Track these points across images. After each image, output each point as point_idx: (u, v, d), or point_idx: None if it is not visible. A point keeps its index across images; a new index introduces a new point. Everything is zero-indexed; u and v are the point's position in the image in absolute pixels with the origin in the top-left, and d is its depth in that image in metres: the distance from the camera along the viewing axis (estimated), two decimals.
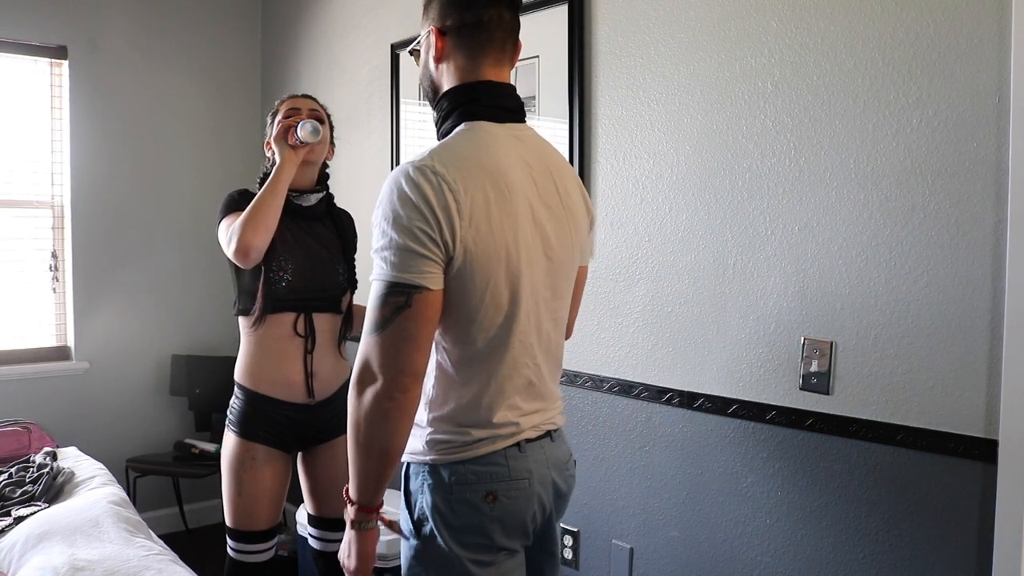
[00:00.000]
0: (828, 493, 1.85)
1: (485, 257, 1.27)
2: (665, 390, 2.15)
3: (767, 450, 1.96)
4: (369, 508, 1.31)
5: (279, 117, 2.09)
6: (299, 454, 2.18)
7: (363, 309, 2.26)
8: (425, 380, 1.32)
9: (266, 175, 2.10)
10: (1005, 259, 1.56)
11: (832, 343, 1.83)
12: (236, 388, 2.09)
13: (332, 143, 2.19)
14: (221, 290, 2.16)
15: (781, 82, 1.90)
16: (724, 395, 2.03)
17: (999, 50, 1.57)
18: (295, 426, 2.07)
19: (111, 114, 3.52)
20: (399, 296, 1.22)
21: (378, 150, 3.16)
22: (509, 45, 1.38)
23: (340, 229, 2.18)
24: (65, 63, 3.40)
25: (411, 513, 1.34)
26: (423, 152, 1.27)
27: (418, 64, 1.43)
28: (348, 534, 1.34)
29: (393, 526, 1.37)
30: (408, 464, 1.36)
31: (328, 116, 2.18)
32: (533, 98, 2.50)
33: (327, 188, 2.19)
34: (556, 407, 1.45)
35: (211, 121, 3.80)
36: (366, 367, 1.24)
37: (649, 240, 2.20)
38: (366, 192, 3.20)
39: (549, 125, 2.45)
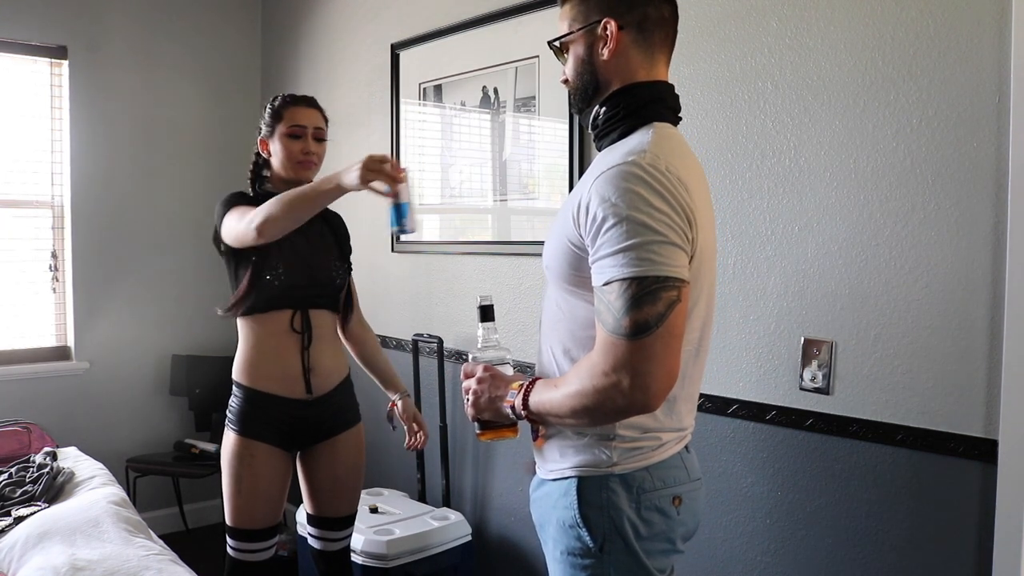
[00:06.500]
0: (828, 493, 1.85)
1: (706, 262, 1.25)
2: None
3: (767, 450, 1.96)
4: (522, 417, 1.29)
5: (281, 125, 2.06)
6: (299, 453, 2.18)
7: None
8: None
9: (256, 169, 2.11)
10: (1005, 259, 1.56)
11: (832, 343, 1.83)
12: (234, 386, 2.09)
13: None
14: (221, 290, 2.16)
15: (781, 82, 1.90)
16: (724, 395, 2.03)
17: (999, 50, 1.57)
18: (294, 423, 2.07)
19: (111, 114, 3.52)
20: (671, 291, 1.12)
21: (378, 150, 3.15)
22: (673, 43, 1.32)
23: (333, 227, 2.19)
24: (65, 63, 3.40)
25: (591, 531, 1.25)
26: (639, 150, 1.18)
27: (562, 57, 1.33)
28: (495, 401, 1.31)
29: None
30: (580, 479, 1.26)
31: (326, 121, 2.19)
32: (533, 98, 2.50)
33: None
34: None
35: (211, 121, 3.80)
36: (619, 377, 1.12)
37: None
38: (365, 192, 3.19)
39: (549, 125, 2.45)
